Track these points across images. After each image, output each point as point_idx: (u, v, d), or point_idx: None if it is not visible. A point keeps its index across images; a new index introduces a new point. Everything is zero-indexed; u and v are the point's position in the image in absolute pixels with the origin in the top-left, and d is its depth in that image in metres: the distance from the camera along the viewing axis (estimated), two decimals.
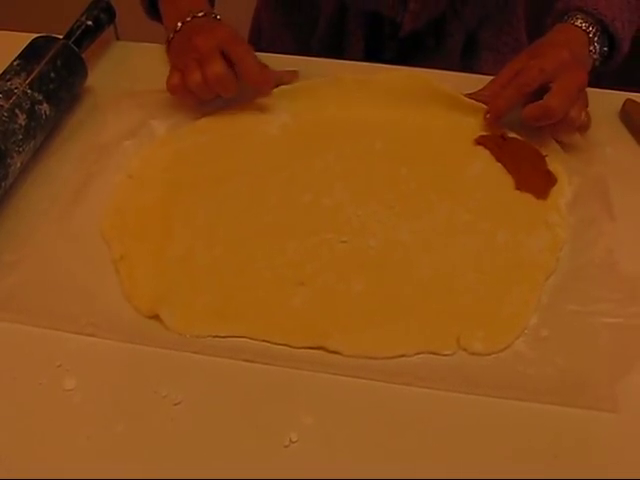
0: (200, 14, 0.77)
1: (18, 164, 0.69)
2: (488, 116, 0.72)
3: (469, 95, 0.75)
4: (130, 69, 0.83)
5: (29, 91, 0.71)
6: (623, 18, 0.73)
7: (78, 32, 0.81)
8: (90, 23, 0.83)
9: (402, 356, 0.58)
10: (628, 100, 0.76)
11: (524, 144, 0.72)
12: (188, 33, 0.76)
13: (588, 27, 0.73)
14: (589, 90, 0.78)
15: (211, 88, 0.73)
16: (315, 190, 0.69)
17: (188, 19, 0.77)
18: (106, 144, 0.75)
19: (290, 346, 0.58)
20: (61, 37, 0.79)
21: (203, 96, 0.74)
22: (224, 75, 0.72)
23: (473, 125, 0.74)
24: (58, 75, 0.75)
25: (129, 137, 0.75)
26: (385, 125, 0.74)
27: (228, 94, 0.74)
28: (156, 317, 0.60)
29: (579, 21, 0.74)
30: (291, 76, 0.79)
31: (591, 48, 0.74)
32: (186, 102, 0.77)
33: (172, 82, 0.74)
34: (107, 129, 0.76)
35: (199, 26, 0.76)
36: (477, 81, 0.79)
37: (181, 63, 0.74)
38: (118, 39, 0.91)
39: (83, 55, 0.80)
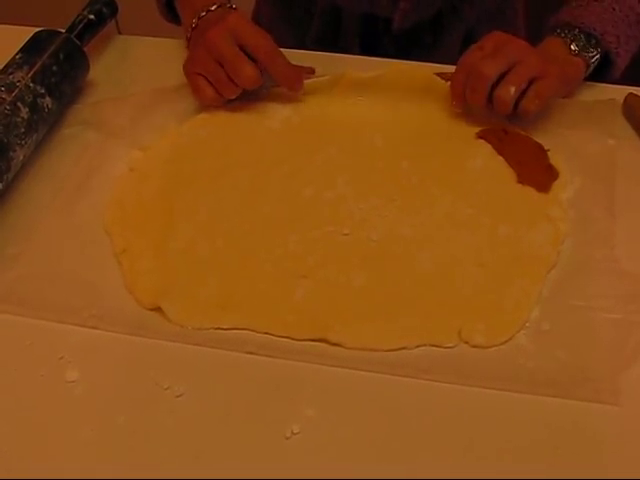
0: (213, 7, 0.76)
1: (20, 157, 0.69)
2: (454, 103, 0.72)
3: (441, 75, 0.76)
4: (132, 63, 0.83)
5: (31, 84, 0.72)
6: (618, 32, 0.73)
7: (80, 26, 0.81)
8: (92, 17, 0.83)
9: (403, 348, 0.58)
10: (630, 94, 0.76)
11: (526, 138, 0.72)
12: (202, 28, 0.75)
13: (570, 38, 0.73)
14: (592, 84, 0.79)
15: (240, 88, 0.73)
16: (317, 184, 0.69)
17: (203, 14, 0.76)
18: (107, 137, 0.75)
19: (292, 338, 0.59)
20: (63, 31, 0.79)
21: (231, 96, 0.74)
22: (256, 78, 0.71)
23: (475, 119, 0.74)
24: (60, 68, 0.75)
25: (130, 130, 0.75)
26: (386, 119, 0.74)
27: (253, 86, 0.74)
28: (158, 309, 0.61)
29: (563, 33, 0.74)
30: (309, 72, 0.79)
31: (577, 59, 0.74)
32: (213, 104, 0.76)
33: (206, 93, 0.74)
34: (108, 123, 0.76)
35: (211, 20, 0.75)
36: None
37: (201, 67, 0.73)
38: (120, 33, 0.91)
39: (85, 49, 0.80)
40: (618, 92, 0.78)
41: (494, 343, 0.58)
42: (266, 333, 0.59)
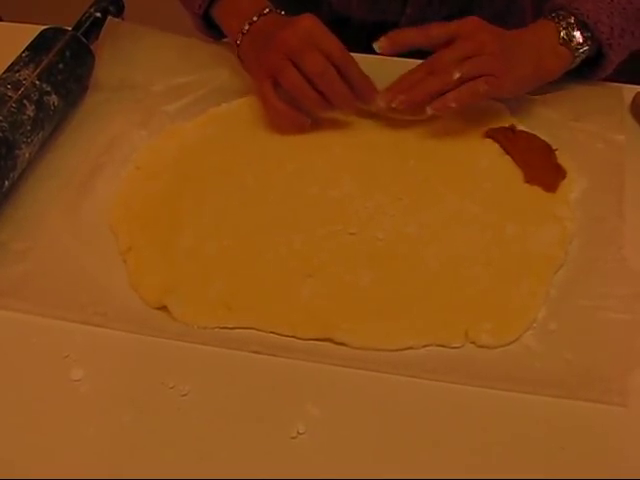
0: (266, 11, 0.73)
1: (26, 155, 0.69)
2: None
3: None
4: (138, 61, 0.82)
5: (37, 82, 0.71)
6: (612, 23, 0.71)
7: (87, 24, 0.81)
8: (99, 15, 0.82)
9: (410, 348, 0.58)
10: (638, 93, 0.76)
11: (534, 137, 0.71)
12: (265, 31, 0.71)
13: (563, 25, 0.72)
14: (599, 83, 0.78)
15: (317, 91, 0.68)
16: (322, 182, 0.69)
17: (255, 19, 0.72)
18: (114, 136, 0.75)
19: (297, 338, 0.58)
20: (70, 29, 0.79)
21: (309, 102, 0.69)
22: (324, 65, 0.66)
23: (482, 118, 0.74)
24: (66, 66, 0.75)
25: (137, 129, 0.75)
26: (393, 118, 0.74)
27: (339, 98, 0.69)
28: (163, 308, 0.60)
29: (557, 18, 0.72)
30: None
31: (563, 48, 0.72)
32: (296, 124, 0.72)
33: (276, 106, 0.69)
34: (115, 121, 0.76)
35: (276, 21, 0.71)
36: None
37: (270, 67, 0.68)
38: None
39: (91, 47, 0.80)
40: (626, 91, 0.77)
41: (501, 343, 0.58)
42: (271, 332, 0.59)
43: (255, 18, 0.73)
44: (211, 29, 0.82)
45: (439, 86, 0.67)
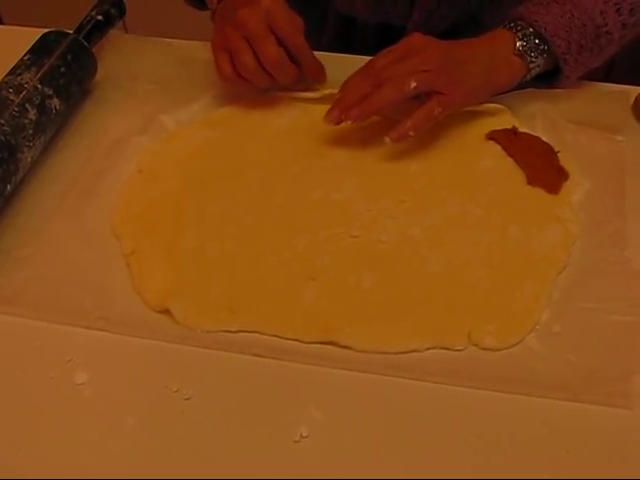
0: None
1: (28, 159, 0.69)
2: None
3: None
4: (140, 64, 0.82)
5: (39, 86, 0.71)
6: (570, 39, 0.70)
7: (88, 27, 0.81)
8: (100, 18, 0.82)
9: (413, 351, 0.58)
10: None
11: (536, 139, 0.71)
12: (232, 4, 0.73)
13: (520, 36, 0.71)
14: (601, 84, 0.78)
15: (267, 73, 0.71)
16: (325, 185, 0.69)
17: None
18: (116, 139, 0.75)
19: (301, 341, 0.58)
20: (71, 32, 0.79)
21: (258, 82, 0.72)
22: (278, 57, 0.69)
23: (484, 120, 0.74)
24: (68, 70, 0.75)
25: (139, 132, 0.75)
26: (395, 121, 0.73)
27: (287, 80, 0.72)
28: (166, 312, 0.60)
29: (515, 29, 0.72)
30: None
31: (518, 59, 0.72)
32: (239, 90, 0.75)
33: (224, 70, 0.71)
34: (117, 124, 0.76)
35: None
36: None
37: (227, 42, 0.71)
38: (127, 31, 0.91)
39: (93, 50, 0.80)
40: (629, 91, 0.77)
41: (504, 346, 0.58)
42: (274, 336, 0.59)
43: None
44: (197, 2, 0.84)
45: (397, 95, 0.67)
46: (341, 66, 0.76)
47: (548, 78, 0.76)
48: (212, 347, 0.58)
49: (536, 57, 0.72)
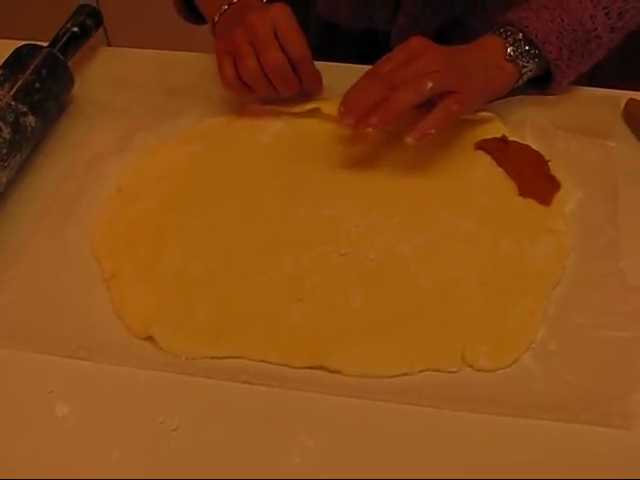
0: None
1: (4, 179, 0.67)
2: (340, 109, 0.66)
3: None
4: (118, 77, 0.80)
5: (13, 103, 0.69)
6: (561, 44, 0.70)
7: (64, 39, 0.79)
8: (76, 29, 0.80)
9: (405, 374, 0.56)
10: (631, 99, 0.74)
11: (526, 148, 0.70)
12: (239, 12, 0.72)
13: (510, 41, 0.70)
14: (591, 89, 0.77)
15: (268, 78, 0.69)
16: (312, 200, 0.67)
17: (225, 7, 0.74)
18: (95, 156, 0.73)
19: (289, 366, 0.57)
20: (46, 45, 0.76)
21: (260, 89, 0.71)
22: (281, 63, 0.68)
23: (473, 128, 0.72)
24: (43, 85, 0.72)
25: (118, 148, 0.73)
26: (382, 131, 0.72)
27: (286, 89, 0.71)
28: (150, 338, 0.58)
29: (505, 34, 0.71)
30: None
31: (509, 65, 0.71)
32: (241, 98, 0.74)
33: (227, 74, 0.70)
34: (95, 140, 0.74)
35: (250, 5, 0.73)
36: None
37: (233, 45, 0.70)
38: (109, 45, 0.88)
39: (69, 63, 0.77)
40: (619, 96, 0.76)
41: (499, 366, 0.56)
42: (262, 361, 0.57)
43: (225, 7, 0.75)
44: (190, 11, 0.83)
45: (415, 97, 0.64)
46: (325, 75, 0.75)
47: (539, 84, 0.75)
48: (198, 374, 0.56)
49: (527, 62, 0.71)
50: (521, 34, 0.70)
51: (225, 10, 0.75)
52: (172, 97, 0.78)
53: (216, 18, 0.76)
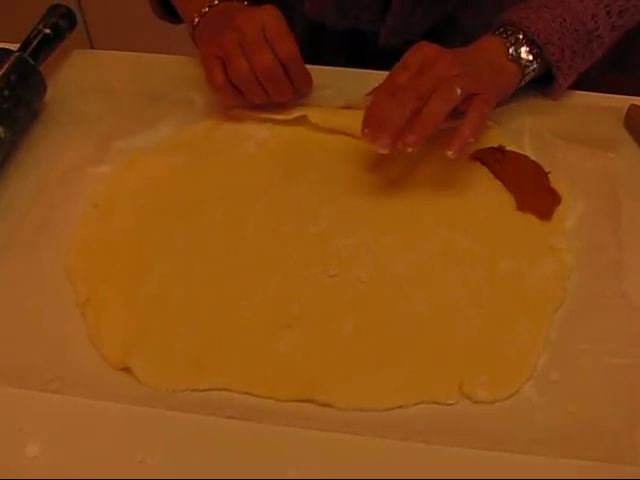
0: (216, 1, 0.72)
1: None
2: (365, 131, 0.62)
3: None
4: (94, 81, 0.76)
5: None
6: (563, 45, 0.68)
7: (35, 42, 0.74)
8: (48, 31, 0.76)
9: (399, 407, 0.53)
10: (633, 105, 0.71)
11: (525, 159, 0.66)
12: (222, 14, 0.70)
13: (511, 41, 0.68)
14: (591, 95, 0.74)
15: (260, 82, 0.66)
16: (299, 216, 0.63)
17: (205, 10, 0.71)
18: (68, 168, 0.69)
19: (276, 399, 0.53)
20: (15, 49, 0.72)
21: (251, 93, 0.68)
22: (272, 65, 0.66)
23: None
24: (13, 93, 0.68)
25: (93, 159, 0.69)
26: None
27: (278, 94, 0.68)
28: (128, 369, 0.55)
29: (505, 34, 0.69)
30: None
31: (512, 65, 0.68)
32: (231, 104, 0.70)
33: (216, 78, 0.67)
34: (69, 151, 0.70)
35: (234, 7, 0.70)
36: None
37: (221, 48, 0.67)
38: (92, 48, 0.84)
39: (41, 68, 0.73)
40: (620, 102, 0.73)
41: (499, 398, 0.53)
42: (247, 393, 0.53)
43: (206, 10, 0.72)
44: (172, 16, 0.81)
45: (448, 105, 0.60)
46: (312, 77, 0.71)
47: (538, 84, 0.72)
48: (179, 409, 0.53)
49: (530, 62, 0.69)
50: (521, 34, 0.68)
51: (205, 12, 0.72)
52: (152, 103, 0.74)
53: (196, 20, 0.72)
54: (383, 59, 0.77)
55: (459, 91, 0.60)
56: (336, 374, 0.54)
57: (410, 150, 0.60)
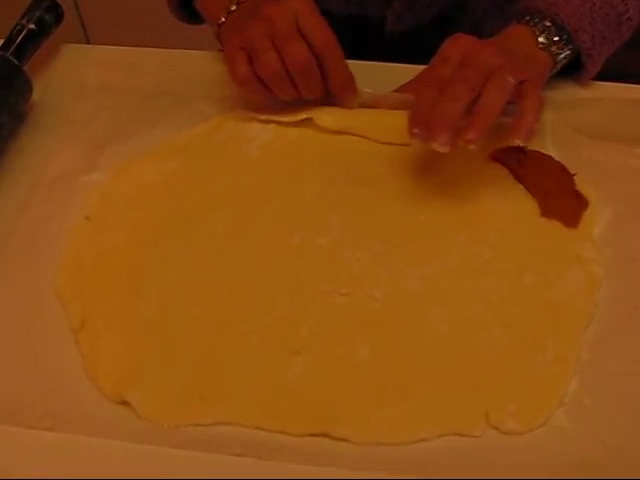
0: None
1: None
2: (415, 131, 0.57)
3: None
4: (84, 80, 0.71)
5: None
6: (594, 31, 0.64)
7: (18, 39, 0.69)
8: (33, 27, 0.70)
9: (422, 440, 0.49)
10: None
11: (548, 159, 0.62)
12: (251, 8, 0.63)
13: (540, 29, 0.64)
14: (618, 86, 0.69)
15: (290, 80, 0.61)
16: (306, 227, 0.59)
17: (233, 8, 0.65)
18: (58, 176, 0.64)
19: (288, 434, 0.49)
20: None
21: (280, 90, 0.62)
22: (307, 59, 0.60)
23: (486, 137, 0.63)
24: None
25: (84, 167, 0.65)
26: (386, 143, 0.64)
27: (310, 92, 0.63)
28: (126, 402, 0.51)
29: (532, 22, 0.64)
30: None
31: (544, 54, 0.64)
32: (256, 99, 0.64)
33: (240, 70, 0.61)
34: (58, 157, 0.65)
35: (245, 12, 0.64)
36: None
37: (248, 40, 0.61)
38: (89, 43, 0.79)
39: (26, 67, 0.68)
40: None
41: (529, 427, 0.49)
42: (257, 428, 0.49)
43: (234, 7, 0.65)
44: (192, 16, 0.75)
45: (504, 96, 0.56)
46: None
47: (565, 70, 0.68)
48: (182, 446, 0.49)
49: (560, 50, 0.64)
50: (548, 21, 0.64)
51: (233, 10, 0.65)
52: (148, 103, 0.70)
53: (222, 19, 0.66)
54: (387, 50, 0.73)
55: (512, 80, 0.56)
56: (351, 405, 0.50)
57: (472, 147, 0.55)
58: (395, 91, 0.65)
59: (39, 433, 0.50)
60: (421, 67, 0.67)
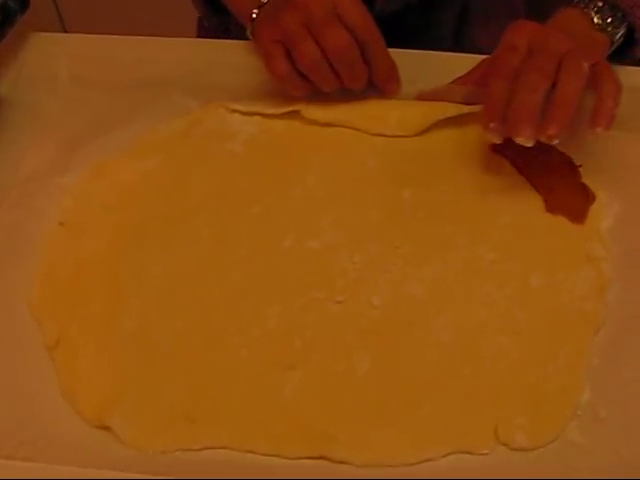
0: None
1: None
2: (492, 126, 0.54)
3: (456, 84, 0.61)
4: (54, 72, 0.66)
5: None
6: None
7: None
8: None
9: (428, 460, 0.46)
10: None
11: (552, 150, 0.58)
12: (270, 15, 0.60)
13: (593, 9, 0.60)
14: (627, 68, 0.65)
15: (333, 70, 0.57)
16: (297, 229, 0.55)
17: (265, 1, 0.62)
18: (28, 179, 0.60)
19: (283, 457, 0.46)
20: None
21: (322, 81, 0.58)
22: (349, 44, 0.56)
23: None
24: None
25: (57, 167, 0.60)
26: (379, 135, 0.60)
27: (354, 81, 0.59)
28: (108, 427, 0.47)
29: (583, 3, 0.61)
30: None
31: (601, 34, 0.61)
32: (297, 94, 0.60)
33: (279, 66, 0.58)
34: (28, 158, 0.61)
35: (278, 5, 0.60)
36: (472, 61, 0.64)
37: (283, 30, 0.57)
38: (65, 32, 0.74)
39: None
40: None
41: (541, 443, 0.46)
42: (249, 451, 0.46)
43: (265, 0, 0.62)
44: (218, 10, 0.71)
45: (581, 82, 0.53)
46: None
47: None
48: (169, 473, 0.46)
49: (616, 29, 0.61)
50: (601, 1, 0.60)
51: (265, 3, 0.62)
52: (123, 96, 0.65)
53: (254, 14, 0.62)
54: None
55: (586, 64, 0.53)
56: (351, 424, 0.47)
57: (556, 142, 0.52)
58: (452, 83, 0.61)
59: (16, 464, 0.46)
60: (410, 51, 0.63)
